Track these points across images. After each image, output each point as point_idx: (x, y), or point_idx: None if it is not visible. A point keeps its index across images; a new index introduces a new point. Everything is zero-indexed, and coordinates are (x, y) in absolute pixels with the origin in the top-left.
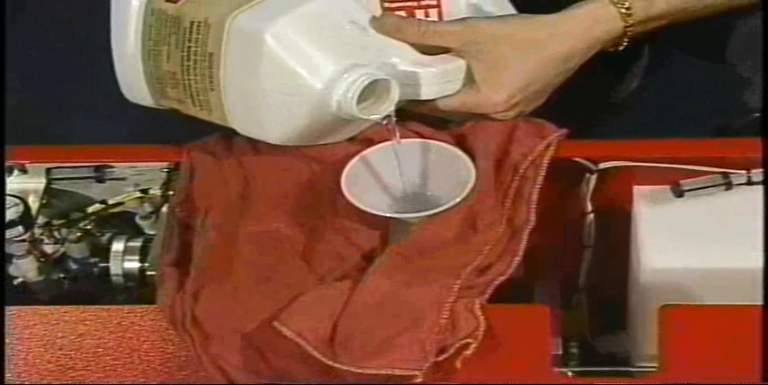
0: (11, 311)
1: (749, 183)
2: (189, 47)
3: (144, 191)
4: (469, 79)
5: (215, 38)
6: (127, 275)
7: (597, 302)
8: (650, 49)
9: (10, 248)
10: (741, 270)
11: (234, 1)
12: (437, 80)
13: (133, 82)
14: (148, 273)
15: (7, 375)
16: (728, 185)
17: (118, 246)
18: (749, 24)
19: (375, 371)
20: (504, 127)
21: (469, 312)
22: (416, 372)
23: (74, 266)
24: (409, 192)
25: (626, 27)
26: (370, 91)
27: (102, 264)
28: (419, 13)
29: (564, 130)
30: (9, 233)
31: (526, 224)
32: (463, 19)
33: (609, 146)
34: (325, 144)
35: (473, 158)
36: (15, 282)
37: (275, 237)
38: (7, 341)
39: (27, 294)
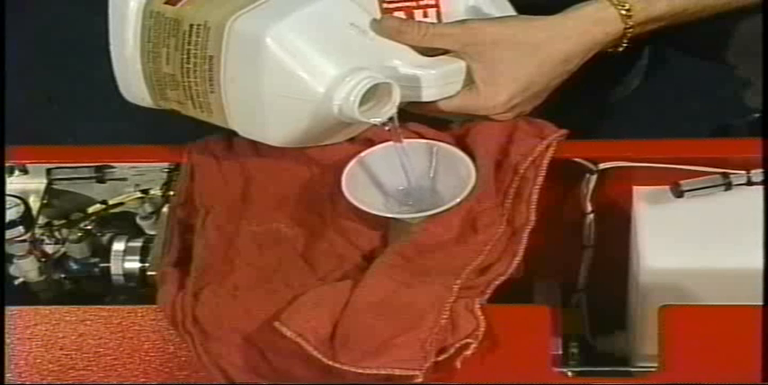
0: (12, 311)
1: (749, 183)
2: (188, 49)
3: (144, 191)
4: (469, 80)
5: (215, 41)
6: (127, 275)
7: (597, 302)
8: (650, 49)
9: (11, 248)
10: (741, 270)
11: (233, 3)
12: (437, 82)
13: (132, 83)
14: (149, 273)
15: (8, 375)
16: (728, 186)
17: (118, 246)
18: (749, 25)
19: (375, 371)
20: (504, 127)
21: (469, 312)
22: (416, 372)
23: (74, 266)
24: (409, 193)
25: (626, 29)
26: (372, 94)
27: (102, 265)
28: (418, 14)
29: (564, 131)
30: (10, 233)
31: (526, 224)
32: (463, 21)
33: (609, 146)
34: (325, 145)
35: (473, 159)
36: (16, 283)
37: (276, 238)
38: (8, 341)
39: (28, 294)
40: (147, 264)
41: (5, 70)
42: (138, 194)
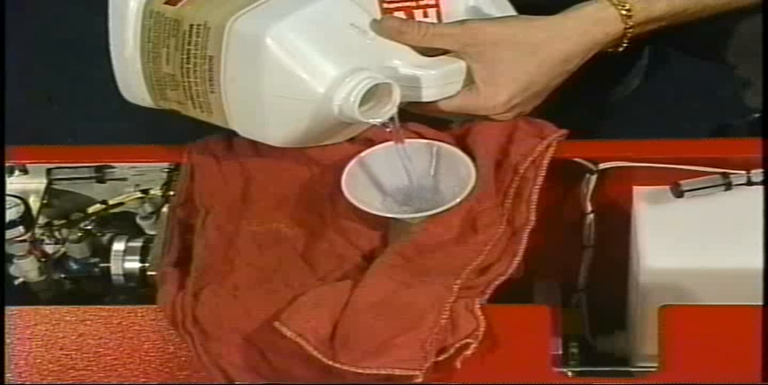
0: (12, 311)
1: (749, 183)
2: (188, 50)
3: (144, 191)
4: (469, 80)
5: (215, 41)
6: (127, 275)
7: (597, 302)
8: (650, 49)
9: (11, 248)
10: (741, 270)
11: (234, 4)
12: (438, 82)
13: (132, 83)
14: (149, 273)
15: (8, 375)
16: (728, 186)
17: (118, 246)
18: (749, 25)
19: (375, 371)
20: (504, 127)
21: (469, 312)
22: (416, 372)
23: (74, 266)
24: (409, 193)
25: (626, 29)
26: (372, 94)
27: (102, 265)
28: (418, 14)
29: (564, 131)
30: (10, 233)
31: (526, 224)
32: (463, 21)
33: (609, 146)
34: (325, 145)
35: (473, 159)
36: (16, 283)
37: (276, 238)
38: (8, 341)
39: (28, 294)
40: (147, 264)
41: (5, 70)
42: (138, 194)
